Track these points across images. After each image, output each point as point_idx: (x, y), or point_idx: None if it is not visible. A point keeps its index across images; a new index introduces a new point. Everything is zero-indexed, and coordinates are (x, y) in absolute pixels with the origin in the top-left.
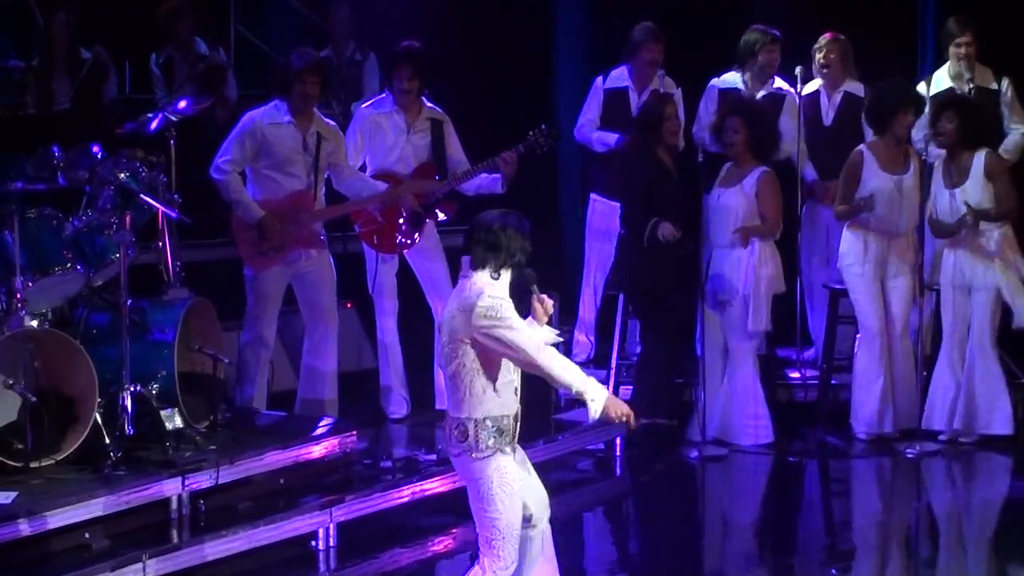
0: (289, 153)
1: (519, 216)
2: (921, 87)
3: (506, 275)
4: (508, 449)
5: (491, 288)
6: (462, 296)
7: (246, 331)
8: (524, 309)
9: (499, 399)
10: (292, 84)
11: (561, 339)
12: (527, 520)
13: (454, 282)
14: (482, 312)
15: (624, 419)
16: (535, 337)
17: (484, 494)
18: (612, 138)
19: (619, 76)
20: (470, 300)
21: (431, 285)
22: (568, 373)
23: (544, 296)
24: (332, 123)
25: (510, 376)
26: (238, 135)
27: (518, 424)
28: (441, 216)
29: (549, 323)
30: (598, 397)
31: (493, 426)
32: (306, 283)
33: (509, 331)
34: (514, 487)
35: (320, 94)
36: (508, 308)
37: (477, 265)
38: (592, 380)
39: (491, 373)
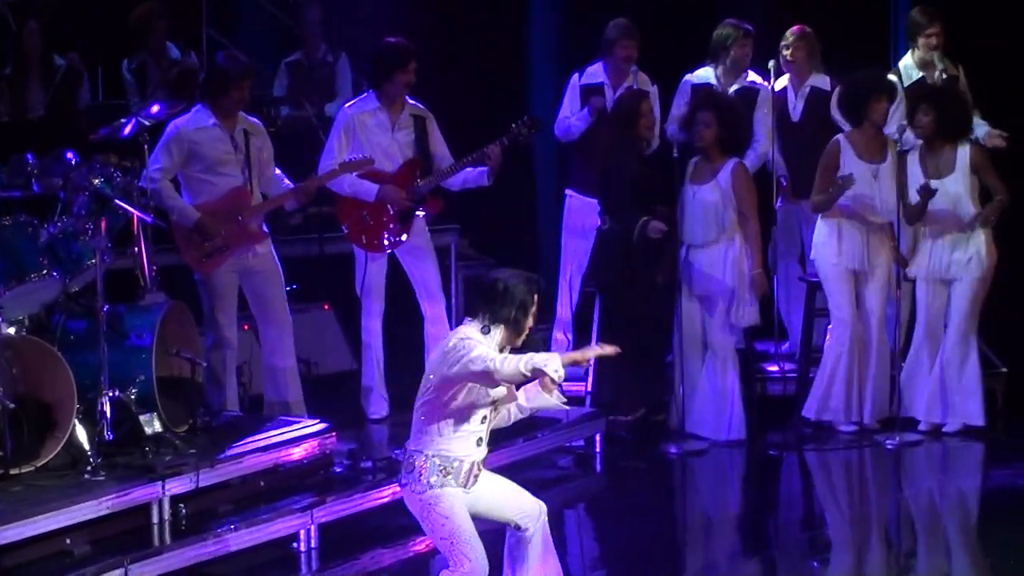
0: (220, 155)
1: (531, 278)
2: (891, 77)
3: (496, 332)
4: (453, 484)
5: (470, 333)
6: (443, 340)
7: (208, 335)
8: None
9: (455, 443)
10: (228, 89)
11: (567, 407)
12: (519, 529)
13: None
14: (450, 350)
15: (588, 359)
16: (490, 353)
17: (425, 521)
18: (583, 114)
19: (595, 72)
20: (447, 342)
21: (421, 285)
22: (520, 364)
23: None
24: (256, 120)
25: (476, 427)
26: (165, 143)
27: (475, 471)
28: (419, 213)
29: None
30: (550, 361)
31: (440, 464)
32: (256, 280)
33: (466, 356)
34: (453, 506)
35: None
36: (474, 344)
37: (469, 312)
38: (538, 354)
39: (455, 418)
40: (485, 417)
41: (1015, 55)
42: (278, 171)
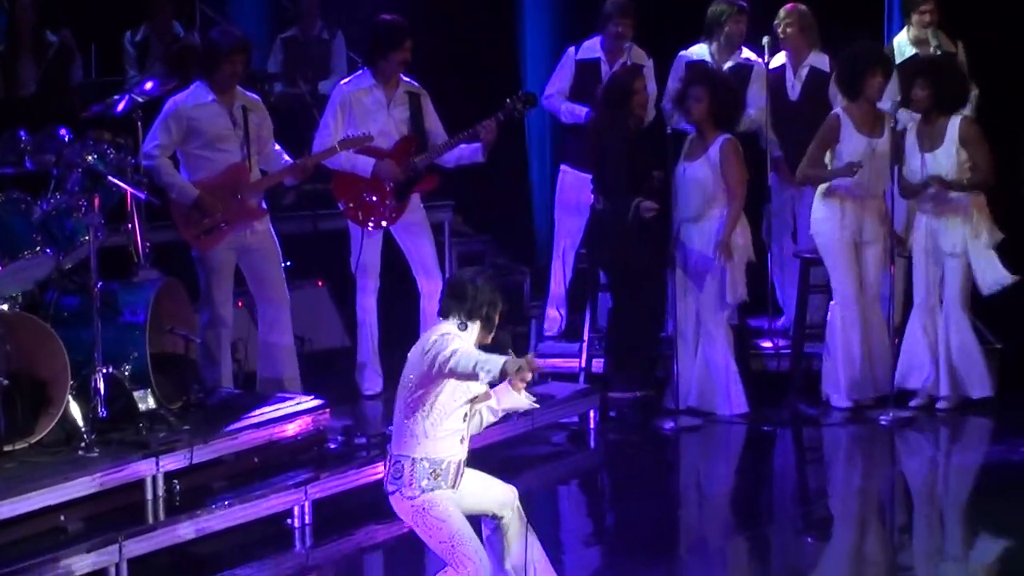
0: (219, 131)
1: (494, 274)
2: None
3: (474, 328)
4: (443, 486)
5: (448, 329)
6: (423, 338)
7: (203, 313)
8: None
9: (441, 444)
10: (220, 64)
11: (537, 406)
12: (495, 518)
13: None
14: (430, 347)
15: (530, 372)
16: (465, 349)
17: (421, 526)
18: (582, 111)
19: (591, 47)
20: (427, 339)
21: (417, 262)
22: (472, 363)
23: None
24: (255, 96)
25: (458, 426)
26: (163, 120)
27: (461, 469)
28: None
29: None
30: (494, 369)
31: (430, 468)
32: (253, 257)
33: (442, 352)
34: (448, 508)
35: (244, 72)
36: (452, 339)
37: (442, 314)
38: (489, 359)
39: (438, 417)
40: (466, 415)
41: (1012, 33)
42: (277, 147)
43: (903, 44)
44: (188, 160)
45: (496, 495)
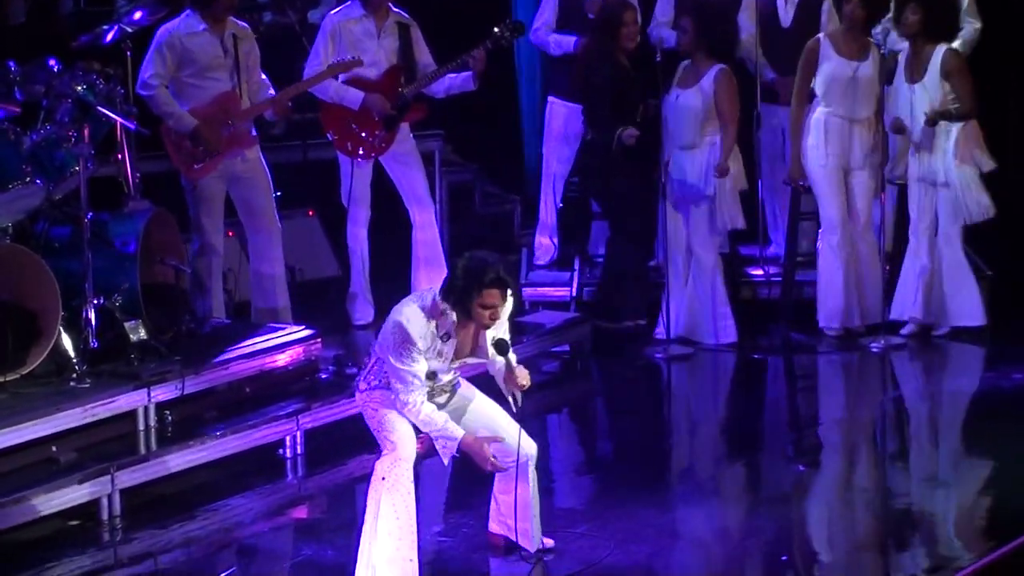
0: (210, 60)
1: (497, 267)
2: None
3: (448, 313)
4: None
5: (417, 323)
6: (409, 300)
7: (194, 242)
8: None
9: None
10: None
11: (515, 410)
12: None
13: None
14: (390, 340)
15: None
16: (413, 397)
17: (367, 417)
18: (569, 41)
19: None
20: (398, 315)
21: (409, 192)
22: (427, 427)
23: (521, 371)
24: (244, 24)
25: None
26: (157, 48)
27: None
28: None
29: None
30: (448, 445)
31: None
32: (242, 186)
33: (396, 382)
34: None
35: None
36: (413, 363)
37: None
38: (445, 425)
39: None
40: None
41: None
42: (264, 77)
43: None
44: (179, 88)
45: (501, 439)
